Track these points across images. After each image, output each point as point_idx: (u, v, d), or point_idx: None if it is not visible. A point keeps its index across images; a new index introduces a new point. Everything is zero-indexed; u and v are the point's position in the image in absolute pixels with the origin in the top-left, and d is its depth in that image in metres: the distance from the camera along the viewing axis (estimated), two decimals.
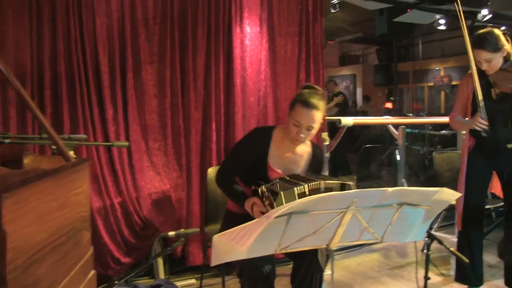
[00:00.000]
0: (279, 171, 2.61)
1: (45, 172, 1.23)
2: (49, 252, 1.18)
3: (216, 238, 1.73)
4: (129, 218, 3.33)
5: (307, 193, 2.26)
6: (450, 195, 1.97)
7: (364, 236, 2.04)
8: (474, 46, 3.11)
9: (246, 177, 2.64)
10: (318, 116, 2.51)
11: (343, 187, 2.38)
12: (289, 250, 1.95)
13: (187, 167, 3.57)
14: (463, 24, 3.16)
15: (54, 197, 1.24)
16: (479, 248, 3.33)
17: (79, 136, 2.50)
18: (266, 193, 2.30)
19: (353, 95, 15.55)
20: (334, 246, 2.05)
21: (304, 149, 2.70)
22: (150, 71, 3.43)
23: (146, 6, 3.38)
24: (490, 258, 4.14)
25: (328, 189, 2.34)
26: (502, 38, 3.07)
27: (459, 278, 3.41)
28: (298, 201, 1.71)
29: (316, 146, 2.78)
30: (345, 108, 7.89)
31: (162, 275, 3.51)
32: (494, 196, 3.78)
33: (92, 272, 1.52)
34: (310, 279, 2.47)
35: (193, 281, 3.63)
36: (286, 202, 2.18)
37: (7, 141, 1.90)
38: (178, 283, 3.38)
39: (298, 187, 2.25)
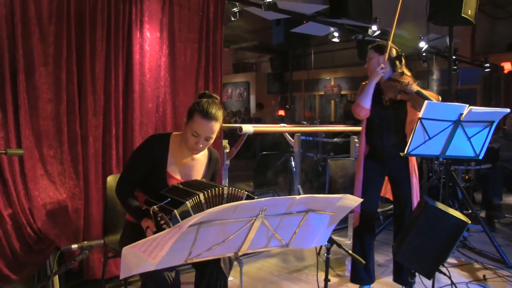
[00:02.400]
0: (179, 178, 2.59)
1: None
2: None
3: (126, 250, 1.67)
4: (20, 231, 3.08)
5: (202, 201, 2.23)
6: (352, 201, 2.08)
7: (272, 243, 2.09)
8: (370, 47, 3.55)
9: (146, 187, 2.57)
10: (216, 127, 2.53)
11: (248, 197, 2.39)
12: (198, 260, 1.94)
13: (84, 175, 3.40)
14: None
15: None
16: (371, 248, 3.56)
17: None
18: (159, 213, 2.22)
19: (246, 102, 15.82)
20: (242, 253, 2.07)
21: (202, 153, 2.70)
22: (44, 73, 3.21)
23: (39, 3, 3.16)
24: (379, 257, 4.43)
25: (231, 195, 2.33)
26: (392, 50, 3.45)
27: (354, 279, 3.60)
28: (209, 210, 1.70)
29: (212, 149, 2.80)
30: None
31: None
32: (384, 200, 4.05)
33: None
34: (213, 287, 2.46)
35: None
36: (181, 219, 2.12)
37: None
38: None
39: (191, 198, 2.20)
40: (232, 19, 4.61)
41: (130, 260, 1.72)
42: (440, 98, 3.32)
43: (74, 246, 2.02)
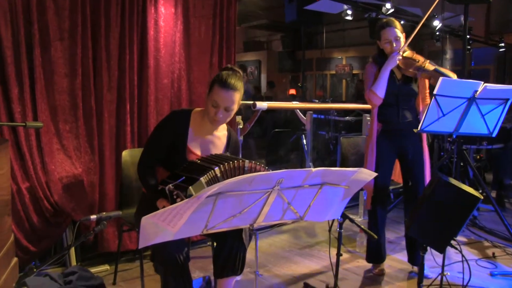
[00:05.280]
0: (199, 153, 2.61)
1: None
2: None
3: (145, 219, 1.70)
4: (38, 204, 3.15)
5: (218, 175, 2.24)
6: (367, 175, 2.09)
7: (287, 215, 2.11)
8: (386, 26, 3.36)
9: (167, 162, 2.60)
10: (236, 97, 2.53)
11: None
12: (214, 231, 1.97)
13: (99, 150, 3.45)
14: None
15: None
16: (383, 225, 3.59)
17: None
18: (175, 191, 2.24)
19: (257, 81, 15.77)
20: (257, 225, 2.10)
21: (221, 132, 2.73)
22: (60, 48, 3.23)
23: None
24: (390, 235, 4.46)
25: (243, 168, 2.35)
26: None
27: (370, 259, 3.64)
28: (227, 181, 1.73)
29: (231, 129, 2.82)
30: None
31: (74, 262, 3.38)
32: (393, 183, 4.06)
33: (15, 259, 1.44)
34: (234, 258, 2.51)
35: (106, 267, 3.54)
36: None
37: None
38: (91, 270, 3.27)
39: (206, 174, 2.21)
40: None
41: (148, 230, 1.76)
42: (456, 76, 3.30)
43: (93, 216, 2.06)
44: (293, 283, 3.42)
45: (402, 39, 3.35)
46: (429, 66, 3.24)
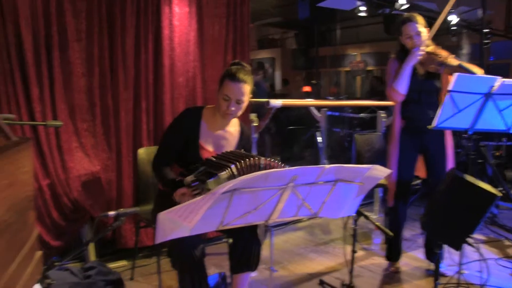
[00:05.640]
0: (211, 149, 2.66)
1: None
2: (2, 231, 1.15)
3: (162, 215, 1.74)
4: (58, 200, 3.23)
5: (235, 173, 2.28)
6: (381, 172, 2.11)
7: (301, 212, 2.14)
8: (407, 21, 3.30)
9: (181, 160, 2.65)
10: (246, 89, 2.60)
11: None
12: (230, 227, 2.01)
13: (116, 147, 3.51)
14: None
15: (4, 175, 1.21)
16: (404, 222, 3.59)
17: (6, 116, 2.38)
18: (192, 183, 2.29)
19: (271, 79, 15.77)
20: (272, 221, 2.13)
21: (233, 127, 2.78)
22: (77, 49, 3.31)
23: None
24: (406, 232, 4.45)
25: (258, 165, 2.39)
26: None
27: (389, 256, 3.65)
28: (242, 177, 1.76)
29: (244, 124, 2.87)
30: None
31: (93, 257, 3.45)
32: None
33: (39, 252, 1.49)
34: (248, 254, 2.54)
35: (124, 262, 3.60)
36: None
37: None
38: (109, 265, 3.33)
39: (225, 171, 2.24)
40: None
41: (165, 225, 1.79)
42: (483, 71, 3.22)
43: (111, 213, 2.10)
44: (308, 280, 3.45)
45: (425, 34, 3.28)
46: (453, 61, 3.19)
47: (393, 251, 3.62)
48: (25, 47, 3.06)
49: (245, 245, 2.54)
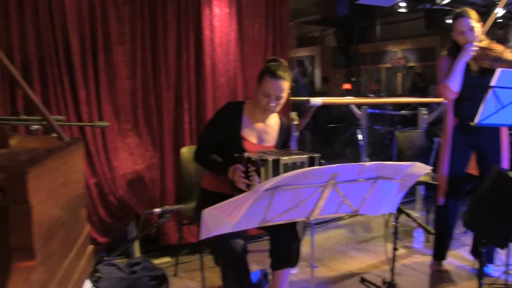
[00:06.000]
0: (253, 141, 2.71)
1: (50, 150, 1.27)
2: (59, 227, 1.22)
3: (206, 212, 1.80)
4: (104, 198, 3.35)
5: (290, 165, 2.38)
6: (421, 169, 2.11)
7: (342, 209, 2.16)
8: (459, 16, 3.21)
9: (223, 152, 2.71)
10: (285, 86, 2.65)
11: (311, 160, 2.50)
12: (271, 223, 2.05)
13: (160, 147, 3.61)
14: None
15: (60, 174, 1.28)
16: (455, 221, 3.51)
17: (56, 117, 2.50)
18: (253, 158, 2.38)
19: (311, 77, 15.71)
20: (313, 218, 2.15)
21: (273, 120, 2.84)
22: (121, 51, 3.42)
23: None
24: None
25: (305, 163, 2.47)
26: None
27: (436, 255, 3.58)
28: (284, 175, 1.80)
29: (283, 117, 2.92)
30: None
31: (138, 254, 3.55)
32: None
33: (91, 247, 1.56)
34: (288, 250, 2.57)
35: (168, 259, 3.70)
36: (273, 170, 2.33)
37: None
38: (154, 261, 3.43)
39: (285, 157, 2.39)
40: None
41: (209, 222, 1.85)
42: None
43: (156, 210, 2.17)
44: (349, 278, 3.45)
45: (478, 29, 3.18)
46: (510, 55, 3.10)
47: (440, 250, 3.56)
48: (72, 51, 3.19)
49: (284, 242, 2.58)
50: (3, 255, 1.02)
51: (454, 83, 3.21)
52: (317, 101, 3.94)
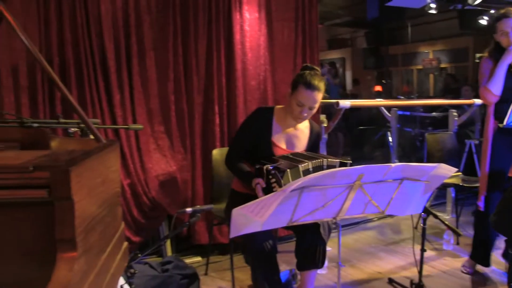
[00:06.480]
0: (283, 146, 2.77)
1: (89, 151, 1.36)
2: (97, 223, 1.31)
3: (235, 211, 1.87)
4: (137, 199, 3.46)
5: (311, 169, 2.42)
6: (447, 171, 2.13)
7: (368, 209, 2.20)
8: (502, 16, 3.13)
9: (253, 157, 2.77)
10: (319, 97, 2.70)
11: (342, 165, 2.55)
12: (299, 223, 2.10)
13: (191, 149, 3.71)
14: None
15: (98, 174, 1.37)
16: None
17: (93, 120, 2.60)
18: (272, 171, 2.44)
19: (342, 79, 15.66)
20: (340, 218, 2.20)
21: (304, 125, 2.89)
22: (154, 56, 3.52)
23: None
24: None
25: (331, 166, 2.52)
26: None
27: (476, 258, 3.53)
28: (311, 175, 1.86)
29: (313, 122, 2.97)
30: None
31: (169, 252, 3.66)
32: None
33: (126, 243, 1.65)
34: (313, 251, 2.63)
35: (199, 258, 3.79)
36: (292, 179, 2.34)
37: (35, 125, 2.02)
38: (185, 261, 3.52)
39: (302, 164, 2.40)
40: None
41: (239, 221, 1.92)
42: None
43: (189, 209, 2.26)
44: (378, 279, 3.47)
45: None
46: None
47: (480, 252, 3.49)
48: (108, 57, 3.31)
49: (309, 243, 2.63)
50: (48, 246, 1.11)
51: (496, 86, 3.13)
52: (345, 103, 3.96)
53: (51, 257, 1.09)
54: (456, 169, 2.15)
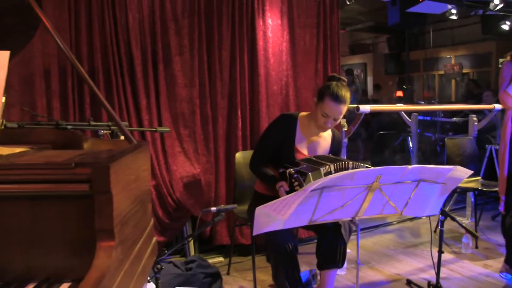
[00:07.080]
0: (306, 153, 2.86)
1: (124, 150, 1.47)
2: (131, 217, 1.42)
3: (258, 210, 1.97)
4: (162, 200, 3.59)
5: (332, 171, 2.51)
6: (463, 173, 2.20)
7: (386, 210, 2.28)
8: None
9: (277, 161, 2.86)
10: (344, 109, 2.77)
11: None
12: (319, 222, 2.19)
13: (215, 152, 3.82)
14: None
15: (131, 171, 1.48)
16: None
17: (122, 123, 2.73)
18: (295, 174, 2.53)
19: (363, 84, 15.67)
20: (358, 218, 2.28)
21: (326, 132, 2.97)
22: (179, 62, 3.65)
23: (174, 1, 3.60)
24: (501, 238, 4.36)
25: (353, 168, 2.60)
26: None
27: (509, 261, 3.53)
28: (330, 176, 1.94)
29: (335, 129, 3.04)
30: None
31: (193, 252, 3.77)
32: None
33: (155, 238, 1.76)
34: (334, 251, 2.70)
35: (221, 258, 3.89)
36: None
37: (69, 127, 2.16)
38: (208, 261, 3.62)
39: (324, 167, 2.48)
40: (348, 2, 4.74)
41: (261, 219, 2.02)
42: None
43: (213, 208, 2.37)
44: (396, 280, 3.53)
45: None
46: None
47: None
48: (135, 63, 3.45)
49: (330, 243, 2.70)
50: (86, 237, 1.22)
51: None
52: (365, 108, 4.04)
53: (89, 246, 1.20)
54: (472, 172, 2.21)
